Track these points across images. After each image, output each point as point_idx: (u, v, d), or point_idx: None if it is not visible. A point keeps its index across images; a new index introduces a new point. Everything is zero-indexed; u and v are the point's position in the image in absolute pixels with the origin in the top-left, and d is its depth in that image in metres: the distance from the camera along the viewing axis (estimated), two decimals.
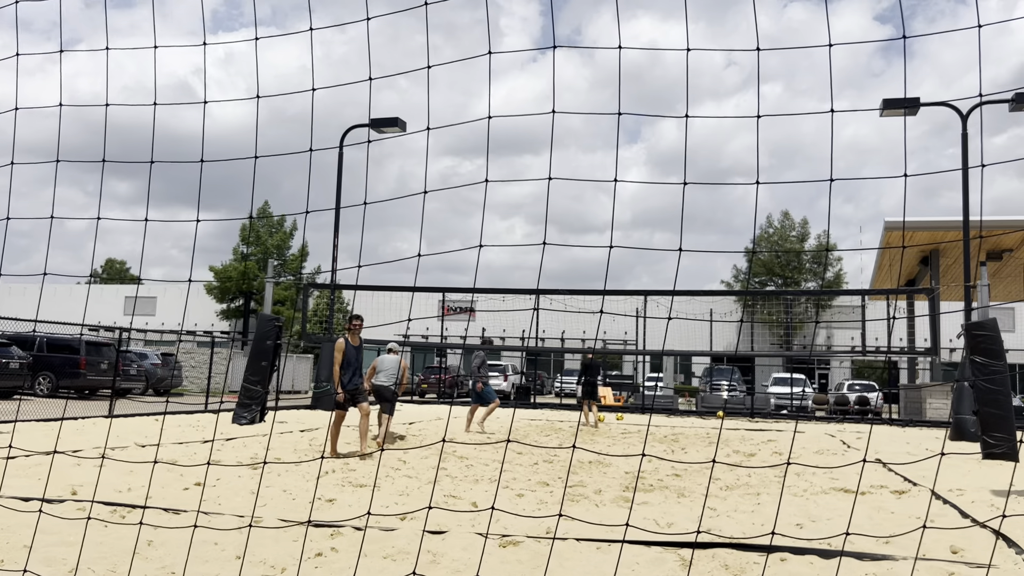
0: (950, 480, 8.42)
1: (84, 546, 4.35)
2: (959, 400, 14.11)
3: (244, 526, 5.01)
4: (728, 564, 4.43)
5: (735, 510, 6.26)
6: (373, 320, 39.63)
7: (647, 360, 38.78)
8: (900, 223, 24.06)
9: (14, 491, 5.87)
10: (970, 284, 16.42)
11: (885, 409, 27.35)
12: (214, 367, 26.58)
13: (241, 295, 45.09)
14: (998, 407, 10.98)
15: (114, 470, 6.98)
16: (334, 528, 5.02)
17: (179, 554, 4.25)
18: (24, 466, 7.12)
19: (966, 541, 5.08)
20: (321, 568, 4.12)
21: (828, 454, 11.74)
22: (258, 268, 43.74)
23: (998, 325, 11.67)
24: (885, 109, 17.94)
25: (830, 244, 45.49)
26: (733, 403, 28.08)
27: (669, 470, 8.77)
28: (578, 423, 8.67)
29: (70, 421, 12.33)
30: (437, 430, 14.20)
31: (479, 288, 24.21)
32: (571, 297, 22.18)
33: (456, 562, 4.28)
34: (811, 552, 4.67)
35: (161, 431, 4.86)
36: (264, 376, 13.40)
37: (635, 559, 4.49)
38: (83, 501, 5.64)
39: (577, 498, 6.71)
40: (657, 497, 6.90)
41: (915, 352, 27.73)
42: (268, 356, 13.49)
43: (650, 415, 4.24)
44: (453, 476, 7.82)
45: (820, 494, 7.27)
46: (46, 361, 20.34)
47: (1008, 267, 26.66)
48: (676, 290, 22.78)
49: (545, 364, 44.86)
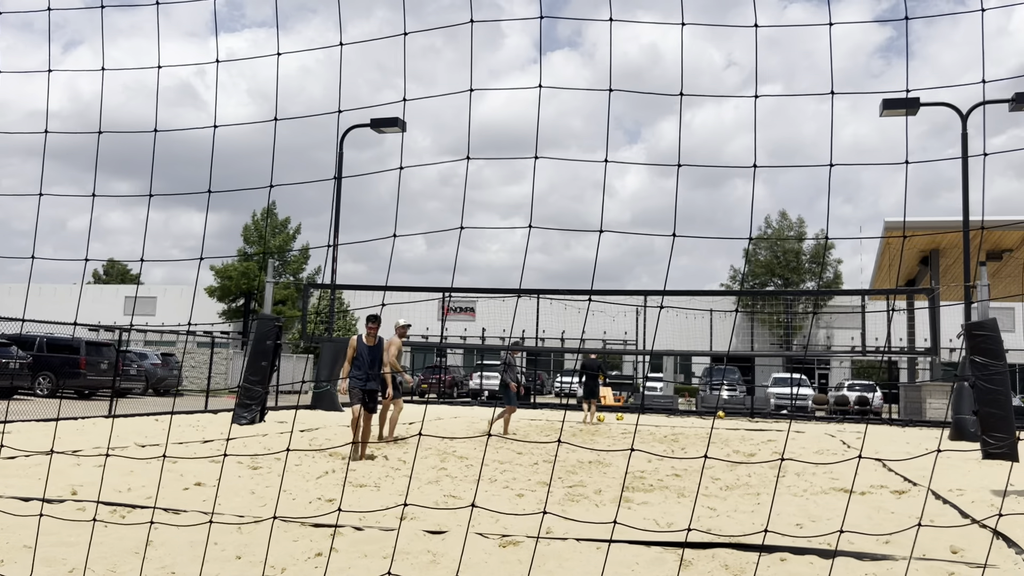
0: (950, 480, 8.42)
1: (84, 546, 4.36)
2: (959, 400, 14.11)
3: (244, 522, 5.02)
4: (728, 564, 4.43)
5: (735, 510, 6.26)
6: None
7: (647, 360, 38.76)
8: (900, 223, 24.06)
9: (14, 491, 5.87)
10: (970, 284, 16.42)
11: (885, 409, 27.35)
12: (214, 367, 26.57)
13: (242, 295, 45.10)
14: (998, 407, 10.98)
15: (114, 470, 6.98)
16: (334, 528, 5.02)
17: (179, 554, 4.25)
18: (24, 466, 7.12)
19: (966, 541, 5.08)
20: (321, 568, 4.12)
21: (828, 454, 11.74)
22: (258, 268, 43.77)
23: (998, 325, 11.67)
24: (885, 109, 17.95)
25: (829, 242, 45.52)
26: (733, 403, 28.09)
27: (669, 470, 8.77)
28: (585, 420, 8.69)
29: (70, 421, 12.33)
30: (436, 430, 14.21)
31: (479, 288, 24.21)
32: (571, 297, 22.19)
33: (456, 562, 4.28)
34: (811, 552, 4.67)
35: (170, 430, 4.86)
36: (264, 376, 13.40)
37: (635, 559, 4.49)
38: (83, 501, 5.64)
39: (577, 498, 6.71)
40: (657, 497, 6.90)
41: (915, 352, 27.72)
42: (268, 356, 13.49)
43: (638, 416, 4.24)
44: (453, 476, 7.81)
45: (820, 494, 7.27)
46: (46, 361, 20.34)
47: (1008, 267, 26.66)
48: (674, 290, 22.75)
49: (545, 364, 44.86)
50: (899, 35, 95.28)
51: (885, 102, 17.82)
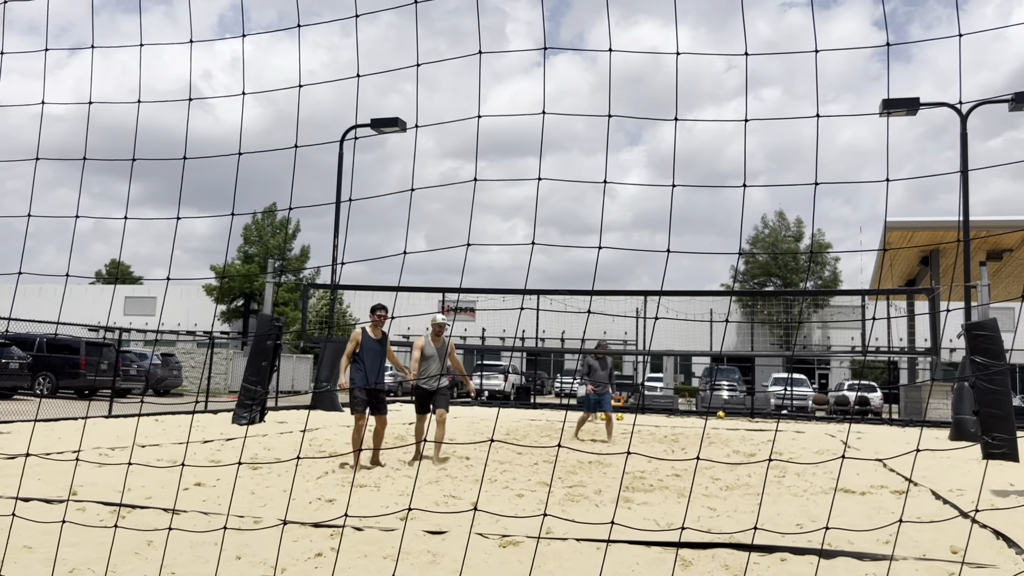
0: (950, 480, 8.42)
1: (84, 546, 4.35)
2: (959, 400, 14.11)
3: (252, 527, 5.01)
4: (728, 564, 4.43)
5: (735, 510, 6.26)
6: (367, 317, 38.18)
7: (647, 360, 38.77)
8: (900, 223, 24.09)
9: (14, 491, 5.87)
10: (970, 284, 16.42)
11: (885, 409, 27.35)
12: (214, 367, 26.57)
13: (242, 295, 45.12)
14: (998, 407, 10.98)
15: (114, 470, 6.98)
16: (334, 528, 5.02)
17: (179, 554, 4.25)
18: (24, 466, 7.11)
19: (966, 541, 5.07)
20: (321, 568, 4.12)
21: (828, 454, 11.74)
22: (258, 268, 43.77)
23: (998, 325, 11.66)
24: (885, 109, 17.94)
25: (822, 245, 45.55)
26: (733, 403, 28.08)
27: (669, 470, 8.76)
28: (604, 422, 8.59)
29: (70, 421, 12.32)
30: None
31: (479, 288, 24.21)
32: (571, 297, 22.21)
33: (456, 562, 4.28)
34: (811, 552, 4.66)
35: (190, 431, 4.86)
36: (264, 376, 13.39)
37: (635, 559, 4.49)
38: (83, 501, 5.64)
39: (577, 498, 6.71)
40: (657, 497, 6.90)
41: (915, 352, 27.72)
42: (268, 356, 13.48)
43: (635, 416, 4.24)
44: (453, 476, 7.81)
45: (820, 494, 7.27)
46: (46, 361, 20.35)
47: (1008, 267, 26.65)
48: (670, 290, 22.74)
49: (545, 364, 44.85)
50: (897, 39, 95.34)
51: (885, 102, 17.81)
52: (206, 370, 26.44)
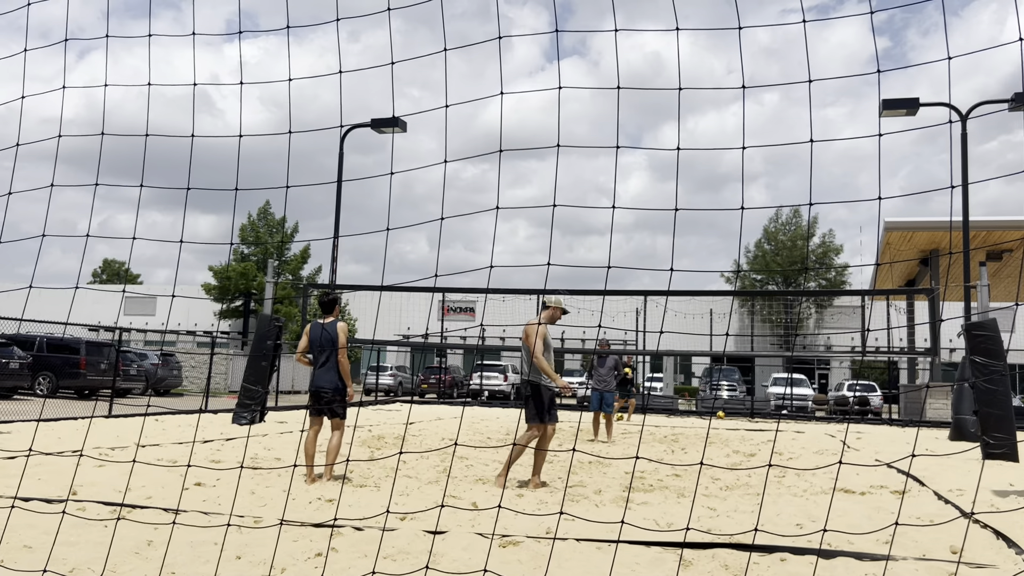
0: (950, 480, 8.42)
1: (84, 546, 4.35)
2: (959, 400, 14.10)
3: (253, 525, 5.01)
4: (728, 564, 4.43)
5: (735, 510, 6.25)
6: (370, 318, 39.38)
7: (647, 360, 38.77)
8: (899, 224, 24.09)
9: (14, 491, 5.87)
10: (970, 284, 16.41)
11: (885, 409, 27.35)
12: (214, 367, 26.56)
13: (241, 295, 45.11)
14: (998, 407, 10.97)
15: (114, 470, 6.98)
16: (334, 528, 5.02)
17: (179, 554, 4.25)
18: (24, 466, 7.11)
19: (966, 541, 5.07)
20: (321, 568, 4.11)
21: (828, 454, 11.73)
22: (257, 268, 43.77)
23: (998, 325, 11.66)
24: (885, 110, 17.96)
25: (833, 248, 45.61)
26: (733, 403, 28.08)
27: (669, 470, 8.76)
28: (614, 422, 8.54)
29: (70, 421, 12.32)
30: (437, 430, 14.20)
31: (478, 288, 24.21)
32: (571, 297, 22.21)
33: (456, 562, 4.28)
34: (811, 552, 4.66)
35: (197, 429, 4.86)
36: (264, 376, 13.38)
37: (635, 559, 4.49)
38: (83, 501, 5.64)
39: (577, 498, 6.71)
40: (657, 497, 6.90)
41: (915, 352, 27.71)
42: (268, 356, 13.48)
43: (630, 416, 4.24)
44: (453, 476, 7.81)
45: (820, 494, 7.27)
46: (46, 361, 20.35)
47: (1008, 267, 26.66)
48: (670, 290, 22.74)
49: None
50: (894, 44, 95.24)
51: (885, 102, 17.83)
52: (207, 370, 26.43)
